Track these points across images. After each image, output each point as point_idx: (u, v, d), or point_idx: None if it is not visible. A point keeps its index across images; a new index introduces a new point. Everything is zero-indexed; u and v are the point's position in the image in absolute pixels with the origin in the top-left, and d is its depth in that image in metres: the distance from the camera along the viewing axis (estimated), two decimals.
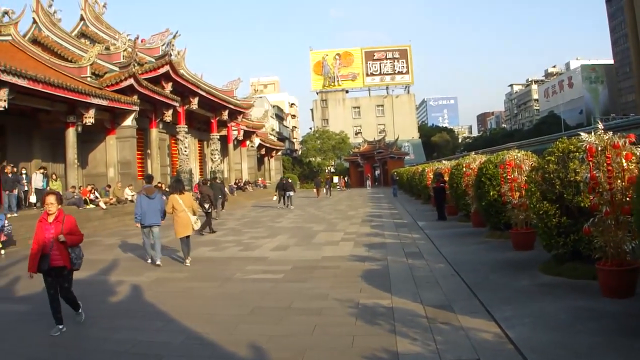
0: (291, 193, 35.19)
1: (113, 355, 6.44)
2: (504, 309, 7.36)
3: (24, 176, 23.95)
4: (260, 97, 73.27)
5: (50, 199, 7.50)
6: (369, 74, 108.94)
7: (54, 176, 25.90)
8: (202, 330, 7.22)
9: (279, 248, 15.62)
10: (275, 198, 35.47)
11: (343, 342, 6.54)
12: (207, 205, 20.13)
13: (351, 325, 7.23)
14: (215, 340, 6.76)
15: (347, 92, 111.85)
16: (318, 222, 23.58)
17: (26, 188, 24.01)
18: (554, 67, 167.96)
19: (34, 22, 34.05)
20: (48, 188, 23.62)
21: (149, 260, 13.66)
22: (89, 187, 27.58)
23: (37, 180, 24.40)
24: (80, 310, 7.88)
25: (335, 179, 71.11)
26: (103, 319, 8.09)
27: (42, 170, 24.52)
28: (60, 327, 7.39)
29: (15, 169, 23.56)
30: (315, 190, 52.05)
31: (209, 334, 7.01)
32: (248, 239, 17.98)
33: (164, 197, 15.64)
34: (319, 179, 54.46)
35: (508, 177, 12.47)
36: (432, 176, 25.87)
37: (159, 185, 28.35)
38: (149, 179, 16.30)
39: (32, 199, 24.44)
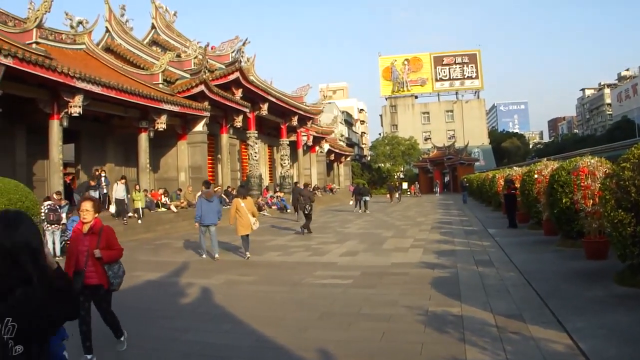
0: (367, 198, 36.08)
1: (182, 356, 6.51)
2: (575, 320, 7.12)
3: (103, 179, 24.22)
4: (329, 103, 73.25)
5: (86, 205, 6.44)
6: (438, 79, 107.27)
7: (137, 187, 25.44)
8: (271, 333, 7.19)
9: (348, 254, 15.43)
10: (351, 202, 36.55)
11: (411, 349, 6.42)
12: (308, 207, 21.66)
13: (420, 332, 7.08)
14: (283, 344, 6.72)
15: (416, 97, 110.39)
16: (387, 228, 23.17)
17: (105, 191, 24.10)
18: (627, 70, 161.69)
19: (107, 31, 34.70)
20: (129, 197, 23.81)
21: (204, 255, 15.58)
22: (160, 191, 27.85)
23: (119, 191, 23.31)
24: (122, 338, 6.71)
25: (405, 185, 70.26)
26: (173, 320, 8.22)
27: (123, 181, 23.80)
28: (89, 357, 6.24)
29: (102, 172, 24.54)
30: (388, 195, 53.66)
31: (277, 338, 6.98)
32: (317, 244, 17.93)
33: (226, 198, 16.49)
34: (392, 185, 56.64)
35: (581, 184, 11.98)
36: (502, 183, 25.25)
37: (217, 189, 28.69)
38: (207, 184, 17.49)
39: (112, 208, 23.94)
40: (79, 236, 6.45)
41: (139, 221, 23.41)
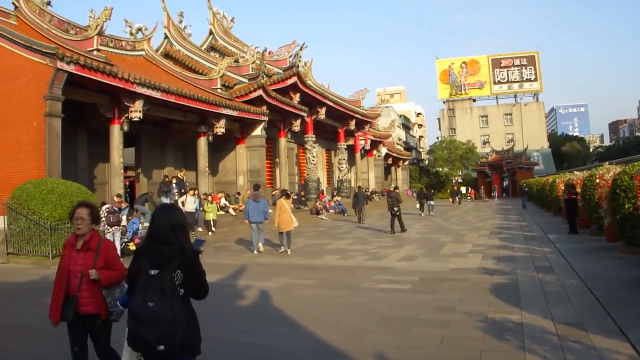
0: (432, 202, 37.19)
1: (239, 358, 6.50)
2: (639, 330, 6.75)
3: (174, 185, 24.11)
4: (387, 107, 72.60)
5: (81, 212, 5.10)
6: (496, 81, 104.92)
7: (209, 197, 24.56)
8: (329, 337, 7.11)
9: (406, 258, 15.11)
10: (417, 206, 36.82)
11: (470, 356, 6.27)
12: (395, 209, 22.84)
13: (479, 339, 6.89)
14: (341, 349, 6.63)
15: (474, 100, 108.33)
16: (445, 233, 22.63)
17: (176, 197, 23.63)
18: None
19: (166, 37, 34.99)
20: (201, 209, 23.27)
21: (255, 252, 17.24)
22: (220, 194, 27.83)
23: (189, 203, 21.77)
24: None
25: (463, 189, 69.13)
26: (231, 322, 8.19)
27: (192, 192, 22.55)
28: None
29: (175, 179, 24.54)
30: (450, 199, 54.31)
31: (334, 342, 6.89)
32: (375, 249, 17.60)
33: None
34: (454, 189, 57.09)
35: None
36: (563, 187, 24.32)
37: (275, 193, 29.70)
38: (256, 187, 19.80)
39: None
40: (71, 253, 5.11)
41: (210, 233, 22.88)
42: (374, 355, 6.34)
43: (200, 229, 22.90)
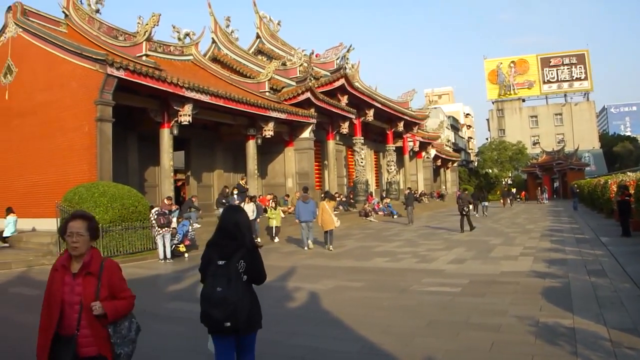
0: (486, 203, 37.55)
1: None
2: None
3: (235, 197, 23.75)
4: (435, 108, 71.69)
5: (76, 225, 3.93)
6: (546, 81, 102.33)
7: (272, 204, 23.23)
8: (378, 340, 6.95)
9: (456, 261, 14.72)
10: (471, 207, 35.73)
11: None
12: (465, 209, 23.60)
13: (530, 344, 6.67)
14: (390, 352, 6.49)
15: (523, 100, 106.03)
16: (495, 235, 21.98)
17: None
18: None
19: (213, 41, 35.27)
20: (270, 214, 22.38)
21: (306, 248, 18.87)
22: (269, 196, 27.67)
23: (249, 211, 20.19)
24: None
25: (513, 191, 67.79)
26: (280, 324, 8.03)
27: (249, 200, 21.30)
28: None
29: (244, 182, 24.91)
30: (501, 200, 53.90)
31: (384, 345, 6.74)
32: (424, 251, 17.18)
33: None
34: (505, 190, 57.41)
35: None
36: (615, 189, 23.41)
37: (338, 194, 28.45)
38: (305, 190, 21.37)
39: None
40: (64, 277, 3.89)
41: (275, 240, 22.05)
42: (423, 358, 6.24)
43: (259, 240, 20.76)
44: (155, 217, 16.88)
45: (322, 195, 22.71)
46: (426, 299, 9.70)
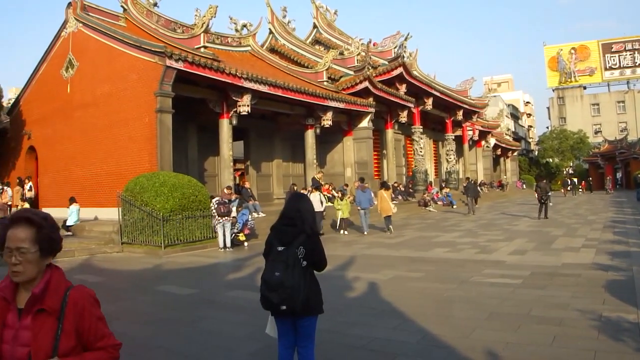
0: (550, 193, 35.21)
1: (349, 350, 6.31)
2: None
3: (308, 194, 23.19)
4: (494, 96, 70.04)
5: (18, 234, 2.47)
6: (607, 67, 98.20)
7: (339, 193, 22.74)
8: (438, 331, 6.81)
9: (517, 252, 14.28)
10: (536, 196, 35.57)
11: (584, 356, 5.83)
12: (544, 197, 24.87)
13: (593, 339, 6.42)
14: (450, 343, 6.33)
15: (584, 88, 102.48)
16: (557, 226, 21.15)
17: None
18: None
19: (270, 32, 35.13)
20: (337, 204, 21.25)
21: (365, 232, 20.23)
22: (327, 185, 27.33)
23: (315, 202, 19.28)
24: None
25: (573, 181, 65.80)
26: (340, 314, 7.88)
27: (312, 189, 20.90)
28: None
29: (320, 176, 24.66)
30: (562, 190, 53.04)
31: (444, 336, 6.59)
32: (484, 242, 16.73)
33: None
34: (566, 180, 56.74)
35: None
36: None
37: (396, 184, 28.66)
38: (362, 180, 22.90)
39: None
40: (5, 317, 2.47)
41: (344, 232, 20.72)
42: (483, 351, 6.05)
43: (322, 233, 19.17)
44: (216, 206, 16.76)
45: (380, 184, 22.39)
46: (486, 291, 9.46)
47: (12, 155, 28.22)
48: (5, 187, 22.59)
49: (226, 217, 16.65)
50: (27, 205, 21.18)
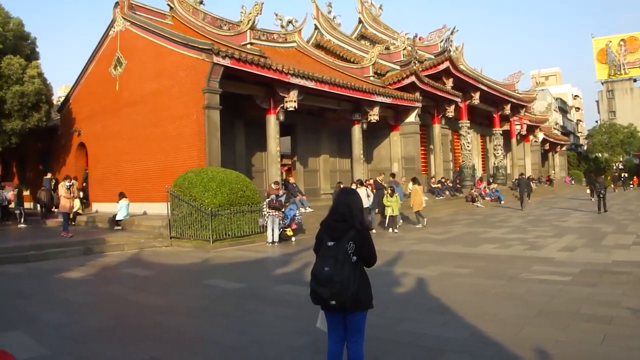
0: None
1: (397, 346, 6.20)
2: None
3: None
4: (542, 90, 68.21)
5: None
6: None
7: (389, 189, 20.56)
8: (486, 328, 6.72)
9: (566, 249, 13.88)
10: (588, 191, 36.48)
11: (635, 356, 5.70)
12: (602, 192, 24.78)
13: None
14: (499, 340, 6.25)
15: (634, 80, 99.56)
16: (607, 222, 20.45)
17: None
18: None
19: (316, 28, 35.17)
20: (387, 201, 20.05)
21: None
22: (371, 180, 27.06)
23: (362, 197, 20.10)
24: None
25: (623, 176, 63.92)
26: (388, 310, 7.80)
27: (357, 184, 19.95)
28: None
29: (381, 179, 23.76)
30: (612, 185, 52.03)
31: (492, 333, 6.50)
32: (533, 238, 16.33)
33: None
34: (616, 175, 56.21)
35: None
36: None
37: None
38: (393, 175, 23.92)
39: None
40: None
41: (394, 230, 19.29)
42: (532, 348, 5.90)
43: (374, 231, 18.59)
44: (268, 200, 16.77)
45: (411, 180, 22.12)
46: (535, 288, 9.20)
47: (62, 151, 28.78)
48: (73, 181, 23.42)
49: (276, 212, 16.56)
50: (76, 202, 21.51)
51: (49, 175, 26.19)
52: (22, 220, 22.99)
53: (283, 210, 17.10)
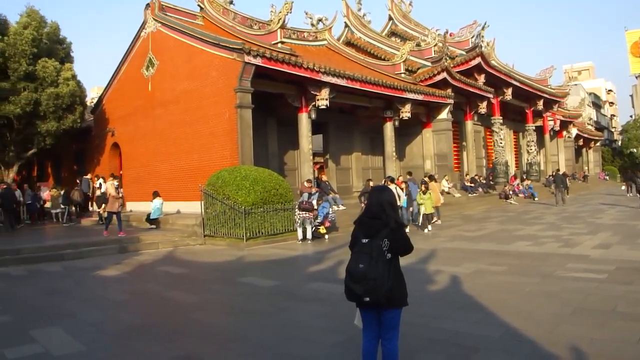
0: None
1: (431, 343, 6.20)
2: None
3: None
4: (575, 85, 67.29)
5: None
6: None
7: (422, 186, 19.70)
8: (521, 326, 6.64)
9: (601, 246, 13.52)
10: (623, 187, 36.36)
11: None
12: None
13: None
14: (533, 338, 6.15)
15: None
16: None
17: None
18: None
19: (346, 25, 35.05)
20: (420, 199, 19.22)
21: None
22: (401, 178, 26.87)
23: (414, 191, 19.94)
24: None
25: None
26: (421, 307, 7.72)
27: (388, 181, 18.83)
28: None
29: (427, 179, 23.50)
30: None
31: (527, 331, 6.42)
32: (567, 235, 15.97)
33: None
34: None
35: None
36: None
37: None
38: (409, 173, 23.33)
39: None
40: None
41: (425, 230, 18.31)
42: (567, 347, 5.82)
43: (408, 230, 16.62)
44: (298, 203, 16.69)
45: (428, 177, 22.12)
46: (570, 285, 9.01)
47: (96, 152, 29.04)
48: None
49: (308, 213, 16.46)
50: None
51: (88, 176, 26.56)
52: (65, 219, 23.62)
53: (316, 208, 16.98)
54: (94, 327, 7.44)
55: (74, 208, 24.55)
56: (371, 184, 22.32)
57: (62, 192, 24.43)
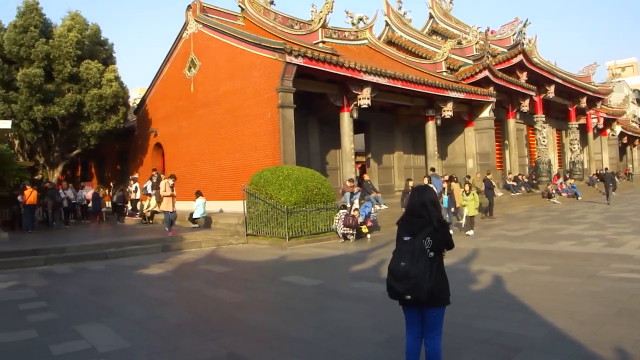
0: None
1: (474, 343, 6.17)
2: None
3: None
4: (619, 82, 65.65)
5: None
6: None
7: (465, 186, 19.07)
8: (564, 326, 6.57)
9: None
10: None
11: None
12: None
13: None
14: (577, 339, 6.09)
15: None
16: None
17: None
18: None
19: (386, 24, 34.74)
20: (463, 200, 18.40)
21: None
22: (446, 176, 26.57)
23: (456, 193, 18.89)
24: None
25: None
26: (464, 307, 7.64)
27: (428, 179, 19.60)
28: None
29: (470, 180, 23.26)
30: None
31: (571, 332, 6.35)
32: (612, 235, 15.57)
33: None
34: None
35: None
36: None
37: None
38: (432, 170, 22.75)
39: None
40: None
41: (469, 232, 17.26)
42: (612, 347, 5.74)
43: (451, 231, 16.02)
44: (343, 217, 16.38)
45: (448, 178, 21.57)
46: (615, 286, 8.85)
47: (139, 152, 29.36)
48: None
49: (352, 229, 16.30)
50: (152, 201, 22.18)
51: (136, 175, 26.80)
52: (124, 217, 24.08)
53: (356, 207, 16.83)
54: (138, 324, 7.52)
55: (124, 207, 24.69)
56: (410, 183, 21.95)
57: (112, 192, 24.76)
